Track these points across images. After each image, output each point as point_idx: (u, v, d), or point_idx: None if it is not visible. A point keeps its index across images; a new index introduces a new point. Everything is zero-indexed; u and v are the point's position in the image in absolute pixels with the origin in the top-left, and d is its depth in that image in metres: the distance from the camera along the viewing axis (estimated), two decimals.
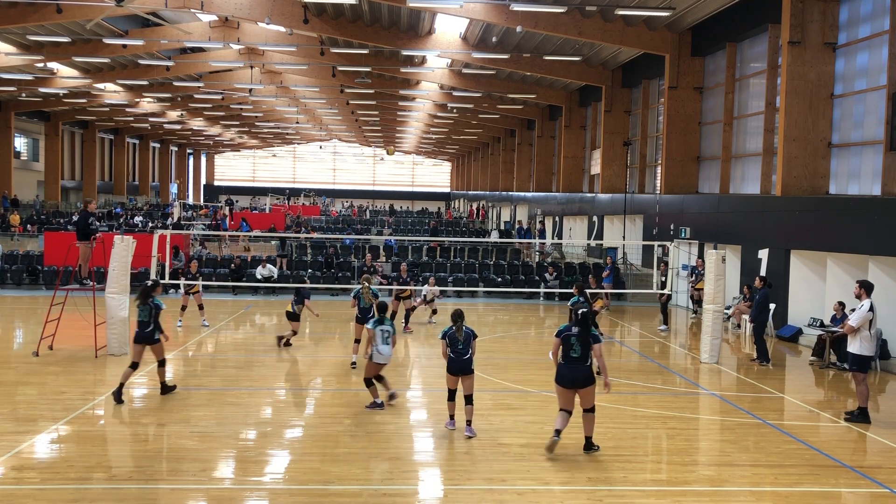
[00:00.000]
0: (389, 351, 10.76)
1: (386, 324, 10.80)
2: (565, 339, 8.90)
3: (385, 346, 10.71)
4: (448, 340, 9.74)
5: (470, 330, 9.83)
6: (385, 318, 10.87)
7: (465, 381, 9.76)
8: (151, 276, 17.37)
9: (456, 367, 9.70)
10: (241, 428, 9.98)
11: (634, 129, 32.82)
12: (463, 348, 9.66)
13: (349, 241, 32.06)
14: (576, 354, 8.83)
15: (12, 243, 32.51)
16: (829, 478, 8.52)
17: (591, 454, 9.00)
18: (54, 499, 7.38)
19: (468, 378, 9.74)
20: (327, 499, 7.56)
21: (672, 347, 17.65)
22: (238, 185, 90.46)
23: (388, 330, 10.75)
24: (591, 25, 26.06)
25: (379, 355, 10.71)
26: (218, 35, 32.43)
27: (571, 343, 8.85)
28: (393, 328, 10.83)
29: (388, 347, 10.72)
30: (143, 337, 11.29)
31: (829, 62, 19.18)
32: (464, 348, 9.66)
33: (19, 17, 27.47)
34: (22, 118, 51.13)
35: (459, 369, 9.70)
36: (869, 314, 10.76)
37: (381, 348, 10.69)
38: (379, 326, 10.74)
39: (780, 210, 19.38)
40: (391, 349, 10.77)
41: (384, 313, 10.96)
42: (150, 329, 11.28)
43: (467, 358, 9.68)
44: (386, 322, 10.82)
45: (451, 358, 9.71)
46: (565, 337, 8.90)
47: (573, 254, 34.45)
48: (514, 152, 54.10)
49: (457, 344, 9.67)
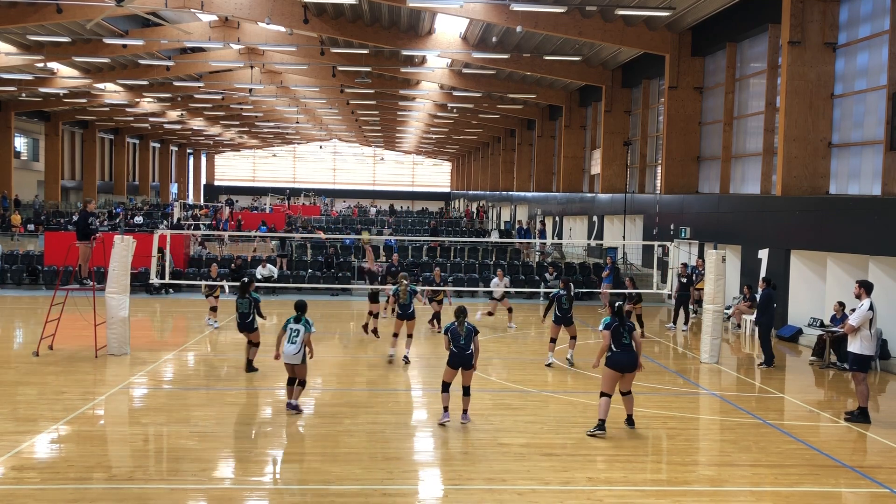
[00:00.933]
0: (292, 350, 10.38)
1: (300, 323, 10.47)
2: (615, 330, 9.84)
3: (289, 346, 10.40)
4: (450, 336, 10.08)
5: (472, 326, 10.14)
6: (302, 317, 10.54)
7: (465, 374, 10.16)
8: (152, 277, 17.41)
9: (458, 360, 10.05)
10: (241, 428, 9.98)
11: (634, 129, 32.82)
12: (465, 343, 10.01)
13: (349, 241, 32.06)
14: (626, 342, 9.86)
15: (12, 243, 32.50)
16: (829, 478, 8.52)
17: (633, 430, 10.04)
18: (54, 499, 7.38)
19: (468, 372, 10.15)
20: (327, 499, 7.56)
21: (672, 347, 17.66)
22: (238, 185, 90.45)
23: (297, 329, 10.42)
24: (591, 25, 26.06)
25: (283, 355, 10.46)
26: (218, 35, 32.42)
27: (622, 332, 9.84)
28: (305, 328, 10.46)
29: (291, 346, 10.39)
30: (244, 326, 13.24)
31: (829, 62, 19.18)
32: (465, 343, 10.01)
33: (19, 17, 27.47)
34: (22, 118, 51.14)
35: (461, 363, 10.05)
36: (869, 314, 10.77)
37: (285, 347, 10.42)
38: (289, 325, 10.49)
39: (780, 210, 19.37)
40: (296, 349, 10.38)
41: (302, 312, 10.63)
42: (250, 319, 13.21)
43: (469, 353, 10.04)
44: (301, 321, 10.49)
45: (454, 352, 10.04)
46: (615, 328, 9.84)
47: (573, 254, 34.44)
48: (514, 152, 54.10)
49: (458, 339, 10.02)
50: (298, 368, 10.52)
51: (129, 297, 14.58)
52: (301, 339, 10.40)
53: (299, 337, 10.40)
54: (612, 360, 9.84)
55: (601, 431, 9.73)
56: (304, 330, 10.46)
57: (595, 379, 13.43)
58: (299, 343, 10.39)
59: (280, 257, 28.05)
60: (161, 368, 13.69)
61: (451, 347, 10.05)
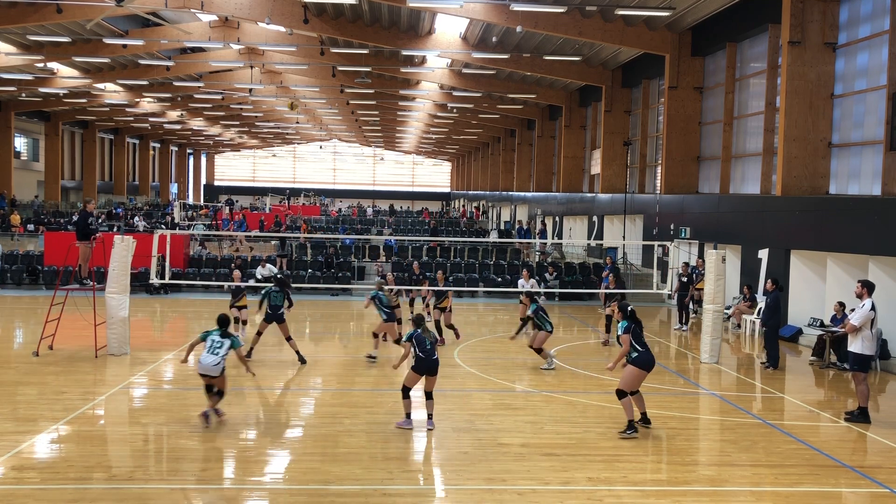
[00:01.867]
0: (212, 361, 9.76)
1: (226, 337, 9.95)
2: (634, 332, 9.95)
3: (210, 356, 9.79)
4: (415, 342, 9.86)
5: (432, 333, 10.19)
6: (227, 333, 10.04)
7: (429, 380, 9.94)
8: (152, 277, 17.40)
9: (425, 366, 9.82)
10: (241, 428, 9.98)
11: (634, 129, 32.81)
12: (431, 348, 9.84)
13: (349, 241, 32.07)
14: (643, 340, 10.03)
15: (12, 243, 32.51)
16: (829, 478, 8.52)
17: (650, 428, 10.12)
18: (54, 499, 7.38)
19: (433, 378, 9.95)
20: (327, 499, 7.56)
21: (672, 347, 17.65)
22: (238, 185, 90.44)
23: (221, 342, 9.89)
24: (591, 25, 26.06)
25: (201, 365, 9.89)
26: (218, 35, 32.42)
27: (640, 333, 10.02)
28: (231, 342, 9.96)
29: (212, 358, 9.76)
30: (273, 317, 14.22)
31: (829, 62, 19.18)
32: (431, 348, 9.85)
33: (19, 17, 27.46)
34: (22, 118, 51.14)
35: (428, 369, 9.84)
36: (871, 314, 10.77)
37: (205, 357, 9.83)
38: (211, 336, 9.99)
39: (780, 210, 19.37)
40: (215, 360, 9.75)
41: (225, 326, 10.13)
42: (281, 311, 14.20)
43: (435, 358, 9.88)
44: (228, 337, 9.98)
45: (421, 357, 9.81)
46: (634, 330, 9.97)
47: (573, 254, 34.44)
48: (514, 152, 54.10)
49: (424, 343, 9.82)
50: (218, 380, 9.98)
51: (129, 297, 14.58)
52: (224, 353, 9.85)
53: (222, 350, 9.85)
54: (640, 360, 9.86)
55: (635, 432, 9.76)
56: (232, 345, 9.97)
57: (595, 379, 13.45)
58: (221, 356, 9.82)
59: (280, 257, 28.05)
60: (161, 368, 13.69)
61: (418, 353, 9.79)
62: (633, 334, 9.95)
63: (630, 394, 10.02)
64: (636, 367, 9.87)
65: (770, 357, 14.86)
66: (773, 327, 14.96)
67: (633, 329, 9.97)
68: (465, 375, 13.48)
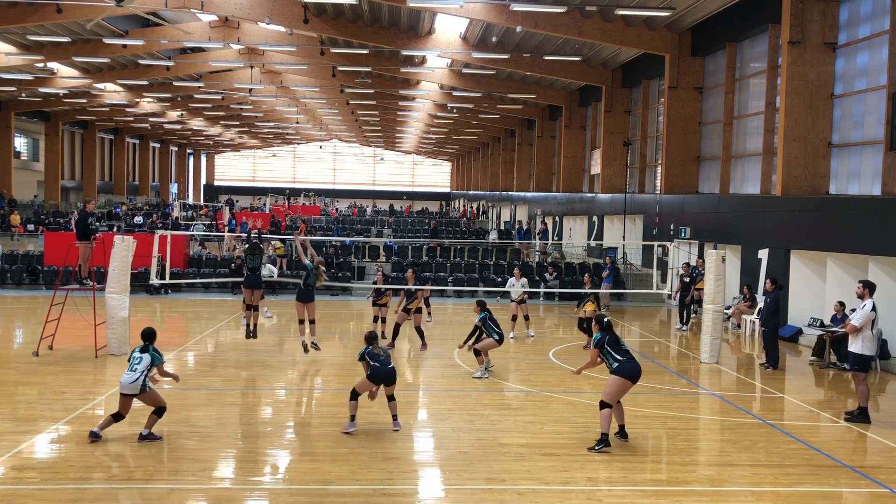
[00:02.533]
0: (128, 378, 9.09)
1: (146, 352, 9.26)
2: (610, 342, 9.47)
3: (126, 374, 9.15)
4: (368, 358, 9.76)
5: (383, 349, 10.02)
6: (150, 347, 9.31)
7: (388, 387, 9.88)
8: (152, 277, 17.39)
9: (382, 375, 9.71)
10: (241, 428, 9.98)
11: (634, 129, 32.81)
12: (385, 359, 9.78)
13: (349, 242, 32.07)
14: (626, 348, 9.56)
15: (12, 243, 32.51)
16: (829, 478, 8.52)
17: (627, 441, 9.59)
18: (54, 499, 7.38)
19: (391, 385, 9.88)
20: (327, 499, 7.56)
21: (672, 347, 17.65)
22: (238, 185, 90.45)
23: (140, 357, 9.20)
24: (591, 25, 26.06)
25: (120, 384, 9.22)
26: (218, 35, 32.42)
27: (619, 342, 9.53)
28: (154, 358, 9.26)
29: (129, 375, 9.11)
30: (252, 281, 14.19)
31: (829, 62, 19.18)
32: (386, 359, 9.80)
33: (19, 17, 27.47)
34: (22, 118, 51.14)
35: (386, 377, 9.75)
36: (872, 314, 10.76)
37: (123, 375, 9.21)
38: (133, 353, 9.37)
39: (780, 210, 19.37)
40: (133, 376, 9.07)
41: (150, 341, 9.39)
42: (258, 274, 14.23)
43: (392, 367, 9.83)
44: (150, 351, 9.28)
45: (377, 367, 9.67)
46: (610, 340, 9.49)
47: (573, 254, 34.44)
48: (514, 152, 54.10)
49: (379, 357, 9.75)
50: (144, 398, 9.23)
51: (129, 297, 14.58)
52: (142, 368, 9.15)
53: (140, 365, 9.15)
54: (622, 370, 9.32)
55: (607, 447, 9.19)
56: (152, 361, 9.26)
57: (595, 378, 13.45)
58: (139, 372, 9.12)
59: (280, 257, 28.06)
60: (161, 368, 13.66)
61: (375, 364, 9.68)
62: (609, 344, 9.46)
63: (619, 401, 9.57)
64: (619, 377, 9.33)
65: (770, 357, 14.85)
66: (772, 327, 14.94)
67: (609, 340, 9.48)
68: (464, 375, 13.48)
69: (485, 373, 13.16)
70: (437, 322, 20.20)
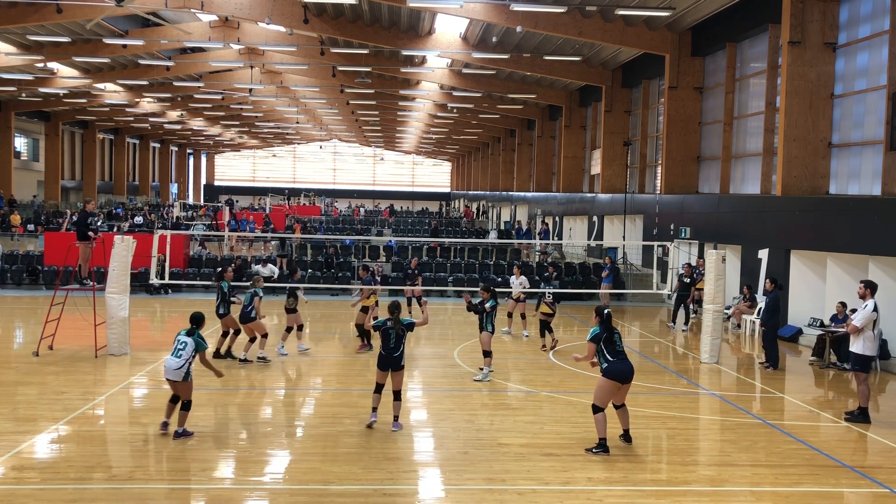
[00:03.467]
0: (173, 364, 9.24)
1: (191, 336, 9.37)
2: (606, 340, 9.22)
3: (171, 359, 9.27)
4: (381, 336, 9.86)
5: (408, 321, 10.03)
6: (195, 331, 9.43)
7: (394, 377, 9.90)
8: (152, 277, 17.39)
9: (385, 362, 9.82)
10: (241, 428, 9.98)
11: (634, 129, 32.81)
12: (394, 346, 9.80)
13: (349, 241, 32.08)
14: (620, 349, 9.26)
15: (12, 243, 32.50)
16: (829, 478, 8.52)
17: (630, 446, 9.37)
18: (54, 499, 7.38)
19: (398, 374, 9.90)
20: (327, 499, 7.56)
21: (672, 347, 17.65)
22: (238, 185, 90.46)
23: (185, 342, 9.30)
24: (591, 25, 26.06)
25: (165, 369, 9.38)
26: (218, 35, 32.42)
27: (615, 340, 9.25)
28: (197, 344, 9.34)
29: (173, 360, 9.24)
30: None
31: (829, 62, 19.18)
32: (395, 346, 9.80)
33: (19, 17, 27.47)
34: (22, 118, 51.14)
35: (388, 364, 9.82)
36: (873, 315, 10.75)
37: (167, 360, 9.33)
38: (178, 336, 9.45)
39: (780, 210, 19.37)
40: (178, 363, 9.22)
41: (197, 325, 9.54)
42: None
43: (397, 355, 9.82)
44: (194, 336, 9.37)
45: (382, 354, 9.82)
46: (607, 338, 9.23)
47: (573, 254, 34.44)
48: (514, 152, 54.11)
49: (389, 340, 9.79)
50: (181, 387, 9.33)
51: (129, 297, 14.58)
52: (187, 354, 9.23)
53: (185, 351, 9.23)
54: (610, 371, 9.07)
55: (605, 452, 8.97)
56: (195, 346, 9.31)
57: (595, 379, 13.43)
58: (184, 359, 9.23)
59: (280, 257, 28.06)
60: (161, 368, 13.64)
61: (381, 349, 9.82)
62: (605, 342, 9.18)
63: (617, 408, 9.35)
64: (606, 379, 9.08)
65: (769, 357, 14.86)
66: (772, 327, 14.94)
67: (605, 337, 9.19)
68: (464, 375, 13.47)
69: (486, 376, 12.99)
70: (437, 322, 20.21)
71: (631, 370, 9.22)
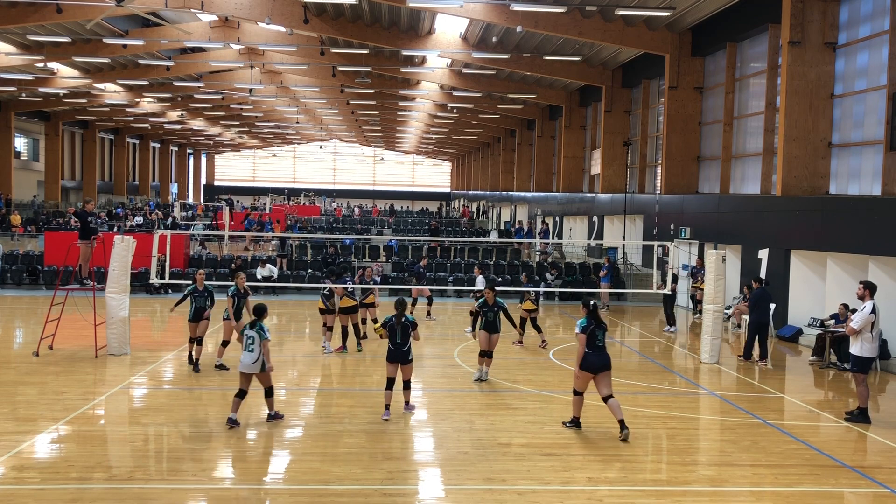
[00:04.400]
0: (248, 359, 9.80)
1: (254, 329, 9.87)
2: (591, 333, 9.73)
3: (245, 354, 9.82)
4: (388, 331, 10.47)
5: (410, 320, 10.53)
6: (257, 324, 9.92)
7: (403, 370, 10.60)
8: (152, 277, 17.39)
9: (394, 356, 10.46)
10: (241, 428, 9.98)
11: (634, 129, 32.81)
12: (401, 342, 10.42)
13: (349, 241, 32.09)
14: (600, 343, 9.81)
15: (12, 243, 32.50)
16: (829, 478, 8.52)
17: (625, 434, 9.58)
18: (54, 499, 7.38)
19: (407, 367, 10.60)
20: (327, 499, 7.56)
21: (672, 347, 17.65)
22: (238, 185, 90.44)
23: (252, 336, 9.82)
24: (591, 25, 26.06)
25: (240, 363, 9.92)
26: (218, 35, 32.42)
27: (597, 335, 9.77)
28: (259, 335, 9.80)
29: (248, 355, 9.79)
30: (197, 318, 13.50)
31: (829, 62, 19.18)
32: (402, 341, 10.42)
33: (19, 17, 27.46)
34: (22, 118, 51.13)
35: (397, 358, 10.47)
36: (871, 316, 10.73)
37: (242, 356, 9.88)
38: (245, 331, 9.96)
39: (780, 210, 19.37)
40: (252, 357, 9.79)
41: (259, 317, 10.08)
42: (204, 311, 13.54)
43: (405, 350, 10.46)
44: (256, 328, 9.86)
45: (390, 349, 10.47)
46: (592, 331, 9.74)
47: (573, 254, 34.44)
48: (514, 152, 54.10)
49: (395, 336, 10.41)
50: (261, 377, 9.96)
51: (129, 297, 14.58)
52: (258, 347, 9.78)
53: (255, 344, 9.78)
54: (585, 362, 9.74)
55: (576, 427, 9.98)
56: (259, 337, 9.81)
57: None
58: (256, 352, 9.78)
59: (280, 257, 28.07)
60: (161, 368, 13.69)
61: (389, 345, 10.46)
62: (589, 335, 9.71)
63: (605, 400, 9.70)
64: (580, 369, 9.78)
65: (760, 352, 15.28)
66: (757, 323, 15.35)
67: (592, 329, 9.70)
68: (465, 375, 13.47)
69: (486, 375, 12.97)
70: (438, 322, 20.22)
71: (605, 362, 9.75)
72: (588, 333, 9.72)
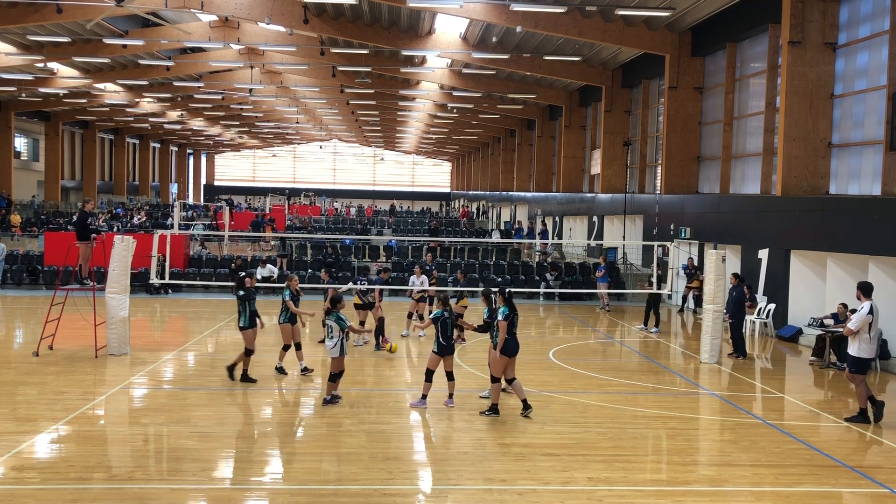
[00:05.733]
0: (328, 345, 10.91)
1: (332, 318, 10.84)
2: (511, 320, 10.47)
3: (326, 341, 10.95)
4: (440, 326, 10.79)
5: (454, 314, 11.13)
6: (332, 312, 10.86)
7: (447, 361, 10.95)
8: (152, 277, 17.39)
9: (444, 350, 10.85)
10: (242, 428, 9.98)
11: (634, 129, 32.81)
12: (450, 334, 10.89)
13: (349, 241, 32.09)
14: (515, 330, 10.58)
15: (12, 243, 32.50)
16: (829, 478, 8.52)
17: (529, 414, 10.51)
18: (54, 499, 7.38)
19: (450, 358, 10.99)
20: (327, 499, 7.56)
21: (672, 347, 17.65)
22: (238, 185, 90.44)
23: (329, 325, 10.88)
24: (591, 25, 26.06)
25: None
26: (218, 35, 32.42)
27: (514, 322, 10.59)
28: (339, 323, 10.79)
29: (328, 341, 10.90)
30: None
31: (829, 62, 19.18)
32: (451, 334, 10.91)
33: (19, 17, 27.46)
34: (22, 118, 51.12)
35: (447, 351, 10.88)
36: (868, 317, 10.70)
37: (327, 342, 10.99)
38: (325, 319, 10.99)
39: (780, 210, 19.38)
40: (331, 343, 10.86)
41: (333, 306, 10.96)
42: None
43: (454, 342, 11.03)
44: (334, 315, 10.83)
45: (442, 344, 10.81)
46: (512, 318, 10.48)
47: (573, 254, 34.44)
48: (514, 152, 54.10)
49: (447, 330, 10.79)
50: (334, 361, 10.97)
51: (129, 297, 14.58)
52: (335, 334, 10.78)
53: (333, 332, 10.80)
54: (506, 348, 10.40)
55: (496, 415, 10.49)
56: (339, 326, 10.77)
57: (596, 379, 13.47)
58: (335, 340, 10.81)
59: (280, 257, 28.07)
60: (161, 368, 13.69)
61: (440, 339, 10.77)
62: (510, 322, 10.42)
63: (509, 382, 10.57)
64: (502, 354, 10.41)
65: (736, 347, 15.81)
66: (738, 320, 15.99)
67: (512, 317, 10.46)
68: (465, 375, 13.47)
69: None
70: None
71: (518, 347, 10.59)
72: (509, 321, 10.41)
